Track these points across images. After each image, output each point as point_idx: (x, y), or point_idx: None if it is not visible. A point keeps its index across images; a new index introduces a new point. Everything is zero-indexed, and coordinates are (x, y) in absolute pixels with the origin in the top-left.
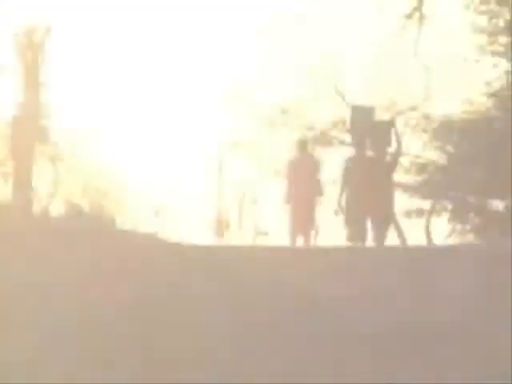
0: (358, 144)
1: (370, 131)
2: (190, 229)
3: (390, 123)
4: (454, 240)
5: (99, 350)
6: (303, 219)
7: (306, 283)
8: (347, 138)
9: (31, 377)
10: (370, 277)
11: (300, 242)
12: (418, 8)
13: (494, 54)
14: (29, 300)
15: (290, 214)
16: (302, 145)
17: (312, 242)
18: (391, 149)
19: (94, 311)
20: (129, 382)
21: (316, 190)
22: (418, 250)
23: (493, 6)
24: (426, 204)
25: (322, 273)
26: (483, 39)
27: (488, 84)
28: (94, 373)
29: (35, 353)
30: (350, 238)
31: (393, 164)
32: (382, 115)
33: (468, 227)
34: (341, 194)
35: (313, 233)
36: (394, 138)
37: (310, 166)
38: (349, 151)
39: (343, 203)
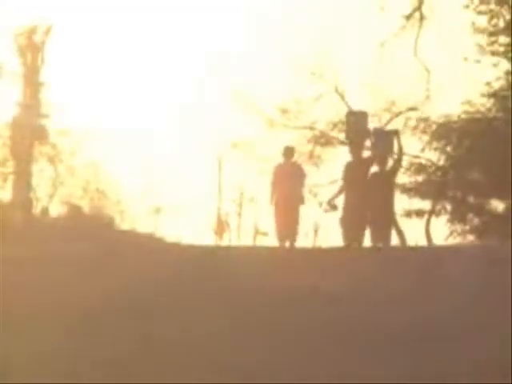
0: (355, 149)
1: (365, 135)
2: (190, 229)
3: (394, 132)
4: (454, 240)
5: (90, 346)
6: (287, 224)
7: (306, 283)
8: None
9: None
10: (370, 276)
11: (286, 244)
12: (418, 8)
13: (494, 54)
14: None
15: (275, 219)
16: (289, 151)
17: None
18: (393, 157)
19: (93, 310)
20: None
21: (298, 196)
22: (418, 250)
23: (493, 6)
24: (426, 204)
25: (321, 272)
26: (483, 39)
27: (488, 84)
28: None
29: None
30: (346, 239)
31: (393, 170)
32: (381, 115)
33: (467, 228)
34: (335, 195)
35: (305, 234)
36: (396, 147)
37: (295, 173)
38: (348, 155)
39: (340, 204)
